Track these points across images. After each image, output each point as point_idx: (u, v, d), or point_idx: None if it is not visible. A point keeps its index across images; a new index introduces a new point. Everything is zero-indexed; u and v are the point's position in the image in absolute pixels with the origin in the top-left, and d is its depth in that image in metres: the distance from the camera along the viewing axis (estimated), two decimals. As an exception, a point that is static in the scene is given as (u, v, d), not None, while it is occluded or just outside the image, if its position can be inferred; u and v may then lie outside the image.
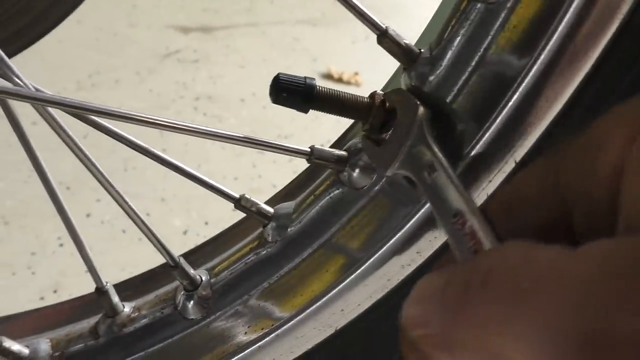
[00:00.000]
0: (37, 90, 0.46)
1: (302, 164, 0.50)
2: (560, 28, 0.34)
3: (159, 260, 0.56)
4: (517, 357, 0.19)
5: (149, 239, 0.49)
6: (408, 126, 0.38)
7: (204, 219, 1.11)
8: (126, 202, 0.49)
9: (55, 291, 0.94)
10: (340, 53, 1.69)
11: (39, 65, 1.43)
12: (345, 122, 0.48)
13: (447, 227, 0.32)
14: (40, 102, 0.42)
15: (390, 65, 0.46)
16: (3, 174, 1.14)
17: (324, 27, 1.82)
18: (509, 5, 0.37)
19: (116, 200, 0.49)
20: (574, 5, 0.32)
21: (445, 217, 0.33)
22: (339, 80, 1.58)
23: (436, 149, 0.36)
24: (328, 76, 1.60)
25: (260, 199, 0.51)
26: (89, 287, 0.56)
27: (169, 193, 1.17)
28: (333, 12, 1.84)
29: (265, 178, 1.21)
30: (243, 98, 1.49)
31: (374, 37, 0.42)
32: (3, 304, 0.92)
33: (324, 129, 1.31)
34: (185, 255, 0.53)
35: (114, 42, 1.63)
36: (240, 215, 0.52)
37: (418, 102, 0.38)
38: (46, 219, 1.05)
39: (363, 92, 0.44)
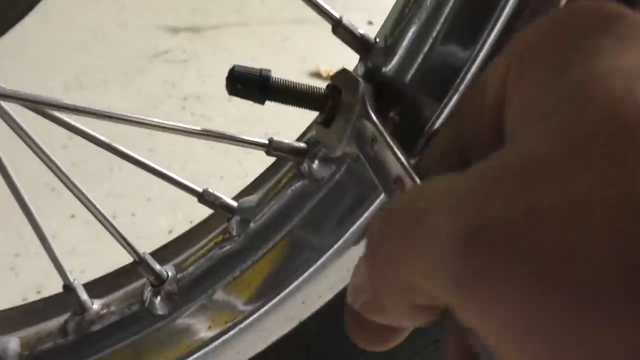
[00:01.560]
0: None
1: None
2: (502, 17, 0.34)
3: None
4: (424, 283, 0.20)
5: (112, 235, 0.49)
6: (351, 102, 0.38)
7: (190, 219, 1.10)
8: (89, 200, 0.49)
9: (38, 292, 0.94)
10: (329, 52, 1.68)
11: (26, 66, 1.43)
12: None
13: (390, 195, 0.32)
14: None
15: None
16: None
17: (313, 26, 1.82)
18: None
19: (78, 198, 0.49)
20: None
21: (387, 185, 0.33)
22: (328, 78, 1.58)
23: (376, 120, 0.36)
24: (317, 75, 1.60)
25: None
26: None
27: (155, 193, 1.17)
28: (322, 10, 1.84)
29: (252, 176, 1.21)
30: (231, 97, 1.49)
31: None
32: (-14, 306, 0.92)
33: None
34: (155, 252, 0.53)
35: (102, 43, 1.63)
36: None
37: (358, 78, 0.38)
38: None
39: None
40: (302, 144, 0.45)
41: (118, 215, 1.11)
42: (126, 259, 0.60)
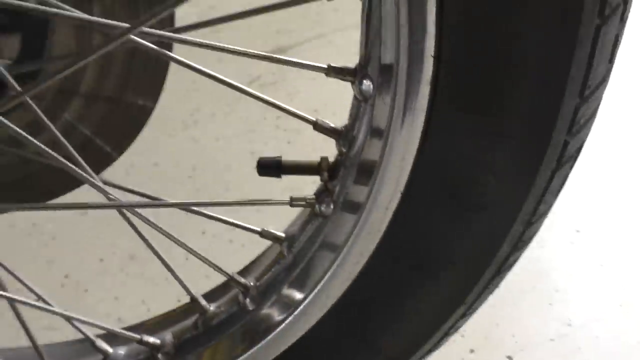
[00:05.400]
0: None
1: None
2: None
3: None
4: None
5: (200, 259, 0.78)
6: None
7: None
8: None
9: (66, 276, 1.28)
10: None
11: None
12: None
13: None
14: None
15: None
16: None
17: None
18: None
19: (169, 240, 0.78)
20: None
21: None
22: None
23: None
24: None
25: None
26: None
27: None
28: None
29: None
30: (316, 109, 1.76)
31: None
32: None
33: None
34: (240, 272, 0.81)
35: (206, 79, 1.95)
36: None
37: None
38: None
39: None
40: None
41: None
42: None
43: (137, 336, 0.82)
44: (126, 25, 0.55)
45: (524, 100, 0.55)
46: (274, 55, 0.65)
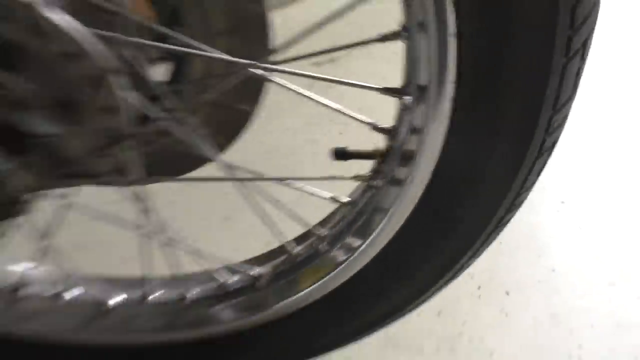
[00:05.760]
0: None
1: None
2: None
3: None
4: None
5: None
6: None
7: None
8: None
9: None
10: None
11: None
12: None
13: None
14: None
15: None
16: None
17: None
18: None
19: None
20: None
21: None
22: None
23: None
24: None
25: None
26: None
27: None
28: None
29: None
30: (361, 108, 1.92)
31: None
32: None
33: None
34: (316, 225, 0.99)
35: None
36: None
37: None
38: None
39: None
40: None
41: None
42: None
43: (245, 267, 1.01)
44: (248, 62, 0.73)
45: (515, 112, 0.71)
46: (343, 80, 0.81)
